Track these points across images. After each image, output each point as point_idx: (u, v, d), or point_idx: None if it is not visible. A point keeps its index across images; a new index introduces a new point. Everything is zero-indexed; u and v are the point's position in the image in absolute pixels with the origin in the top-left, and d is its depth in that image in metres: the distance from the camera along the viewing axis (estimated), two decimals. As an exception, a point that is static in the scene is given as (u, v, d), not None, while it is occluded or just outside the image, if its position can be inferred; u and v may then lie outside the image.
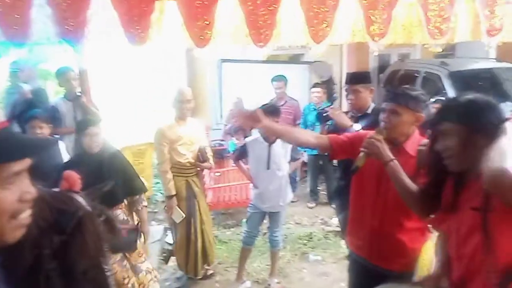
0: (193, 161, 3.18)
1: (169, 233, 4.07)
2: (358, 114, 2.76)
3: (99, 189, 1.12)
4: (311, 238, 4.05)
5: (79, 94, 3.41)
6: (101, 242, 1.05)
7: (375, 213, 1.87)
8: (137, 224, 2.66)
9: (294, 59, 6.83)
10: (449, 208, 1.37)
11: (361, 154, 1.70)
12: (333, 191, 4.10)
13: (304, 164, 5.31)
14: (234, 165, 4.22)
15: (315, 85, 4.81)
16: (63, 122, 3.58)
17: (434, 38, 2.69)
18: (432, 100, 4.51)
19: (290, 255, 3.73)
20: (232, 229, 4.33)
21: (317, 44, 2.61)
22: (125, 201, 2.68)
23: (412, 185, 1.59)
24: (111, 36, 2.62)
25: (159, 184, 5.64)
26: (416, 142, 1.82)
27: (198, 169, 3.28)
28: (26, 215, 0.78)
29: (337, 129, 2.74)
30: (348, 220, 2.09)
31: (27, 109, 3.29)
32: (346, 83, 2.85)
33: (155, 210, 4.81)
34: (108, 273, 1.07)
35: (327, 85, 3.21)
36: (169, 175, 3.14)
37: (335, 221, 4.20)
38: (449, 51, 7.15)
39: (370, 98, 2.78)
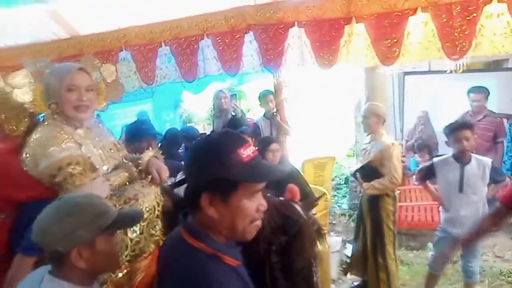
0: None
1: (348, 245, 4.16)
2: None
3: (314, 202, 1.34)
4: (517, 276, 3.41)
5: (274, 113, 3.92)
6: (314, 246, 1.25)
7: None
8: None
9: (494, 65, 5.91)
10: None
11: None
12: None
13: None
14: (416, 183, 3.96)
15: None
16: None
17: None
18: None
19: (488, 291, 3.25)
20: (415, 251, 4.06)
21: (530, 50, 2.27)
22: None
23: None
24: (303, 62, 2.95)
25: (337, 197, 5.83)
26: None
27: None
28: (259, 222, 1.02)
29: None
30: None
31: (234, 127, 3.98)
32: None
33: (333, 222, 4.97)
34: (317, 275, 1.26)
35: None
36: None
37: (552, 260, 3.42)
38: None
39: None
